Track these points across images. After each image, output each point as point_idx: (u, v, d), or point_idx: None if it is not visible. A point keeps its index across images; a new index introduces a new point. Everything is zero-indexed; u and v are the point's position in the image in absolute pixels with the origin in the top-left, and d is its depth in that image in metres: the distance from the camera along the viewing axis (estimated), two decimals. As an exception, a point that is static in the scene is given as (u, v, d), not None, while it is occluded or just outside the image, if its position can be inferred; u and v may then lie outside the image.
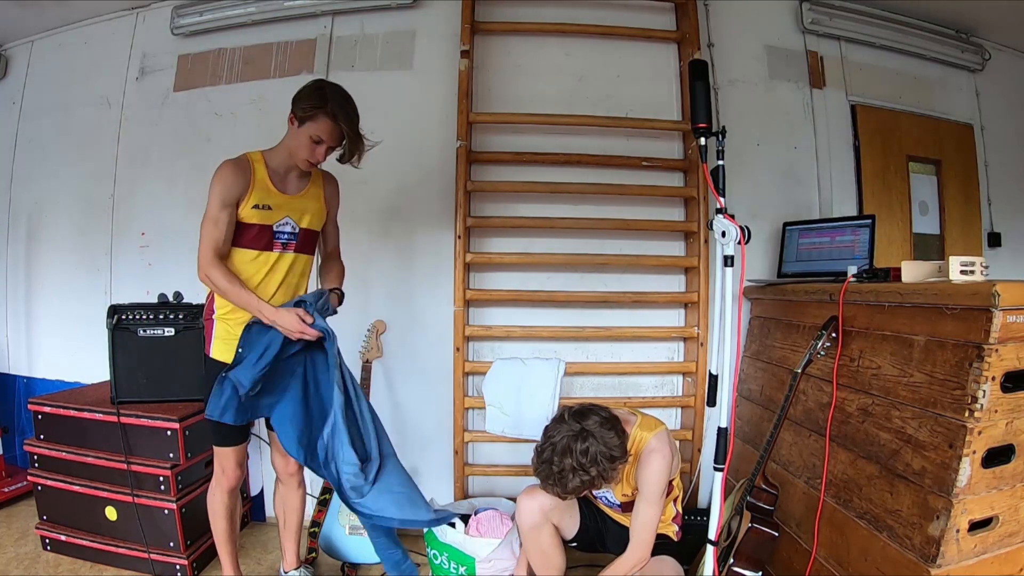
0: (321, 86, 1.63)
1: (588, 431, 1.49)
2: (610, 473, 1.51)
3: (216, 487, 1.74)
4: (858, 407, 1.61)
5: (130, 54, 2.67)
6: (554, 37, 2.49)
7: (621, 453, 1.52)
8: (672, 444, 1.62)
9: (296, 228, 1.69)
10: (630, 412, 1.71)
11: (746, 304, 2.39)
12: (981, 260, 1.41)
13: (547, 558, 1.72)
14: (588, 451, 1.47)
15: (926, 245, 2.68)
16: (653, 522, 1.60)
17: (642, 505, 1.60)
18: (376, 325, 2.30)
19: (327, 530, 2.18)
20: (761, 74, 2.57)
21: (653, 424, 1.65)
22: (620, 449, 1.51)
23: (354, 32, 2.54)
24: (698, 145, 1.45)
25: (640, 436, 1.62)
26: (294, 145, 1.62)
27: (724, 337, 1.38)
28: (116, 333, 2.08)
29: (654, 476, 1.57)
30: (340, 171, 1.85)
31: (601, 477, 1.50)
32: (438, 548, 1.97)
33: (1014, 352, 1.25)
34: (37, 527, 2.17)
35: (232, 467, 1.71)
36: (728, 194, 1.41)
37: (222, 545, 1.78)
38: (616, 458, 1.50)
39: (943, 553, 1.28)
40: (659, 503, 1.59)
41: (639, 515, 1.61)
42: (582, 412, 1.56)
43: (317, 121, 1.58)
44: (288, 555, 1.96)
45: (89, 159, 2.67)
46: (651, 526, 1.60)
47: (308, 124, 1.59)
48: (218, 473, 1.72)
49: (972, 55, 2.77)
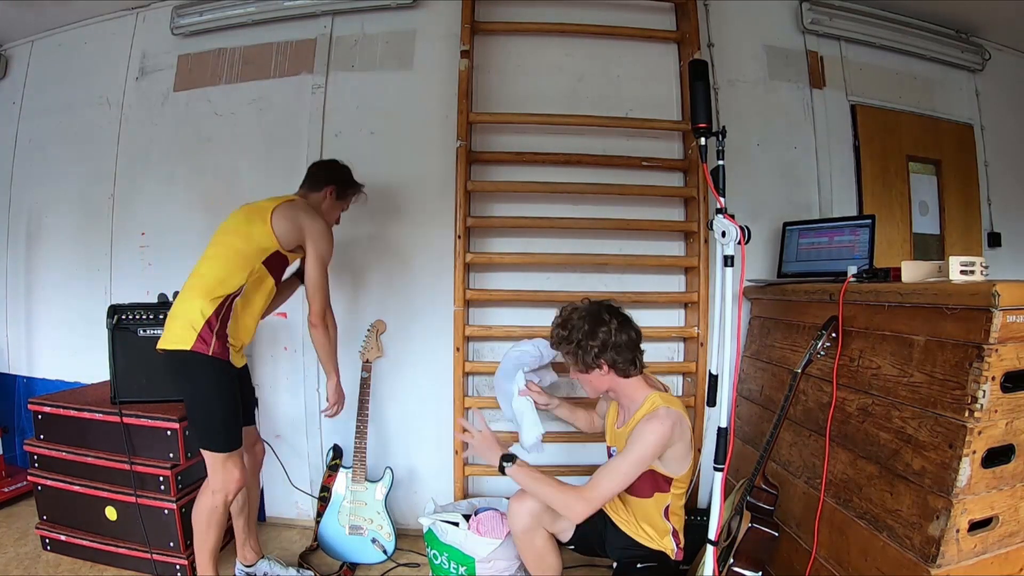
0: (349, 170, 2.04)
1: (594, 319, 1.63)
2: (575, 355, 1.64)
3: (216, 497, 1.69)
4: (858, 407, 1.61)
5: (130, 54, 2.67)
6: (554, 37, 2.49)
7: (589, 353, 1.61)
8: (678, 427, 1.57)
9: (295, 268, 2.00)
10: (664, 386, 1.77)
11: (746, 304, 2.39)
12: (981, 260, 1.41)
13: (542, 560, 1.71)
14: (576, 323, 1.64)
15: (926, 245, 2.68)
16: (613, 480, 1.54)
17: (618, 457, 1.57)
18: (376, 325, 2.30)
19: (326, 529, 2.18)
20: (761, 74, 2.57)
21: (673, 401, 1.64)
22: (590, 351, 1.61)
23: (354, 32, 2.54)
24: (698, 145, 1.45)
25: (654, 401, 1.62)
26: (329, 213, 1.98)
27: (724, 337, 1.38)
28: (116, 333, 2.09)
29: (640, 438, 1.54)
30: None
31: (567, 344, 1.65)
32: (438, 548, 1.97)
33: (1014, 352, 1.25)
34: (37, 527, 2.17)
35: (242, 467, 1.73)
36: (728, 194, 1.41)
37: (213, 554, 1.74)
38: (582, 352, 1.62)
39: (943, 553, 1.28)
40: (632, 467, 1.53)
41: (613, 462, 1.57)
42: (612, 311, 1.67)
43: (353, 199, 2.07)
44: (252, 547, 2.00)
45: (89, 159, 2.67)
46: (607, 482, 1.54)
47: (346, 200, 2.04)
48: (224, 479, 1.67)
49: (972, 55, 2.77)
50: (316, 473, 2.45)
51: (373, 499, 2.20)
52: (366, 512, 2.19)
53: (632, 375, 1.65)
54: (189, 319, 1.63)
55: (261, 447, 2.06)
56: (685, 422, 1.61)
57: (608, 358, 1.62)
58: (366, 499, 2.20)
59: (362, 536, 2.18)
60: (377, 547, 2.16)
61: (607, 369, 1.63)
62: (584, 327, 1.62)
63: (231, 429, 1.68)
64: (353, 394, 2.19)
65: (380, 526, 2.18)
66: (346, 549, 2.17)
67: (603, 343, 1.61)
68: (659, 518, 1.69)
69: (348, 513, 2.19)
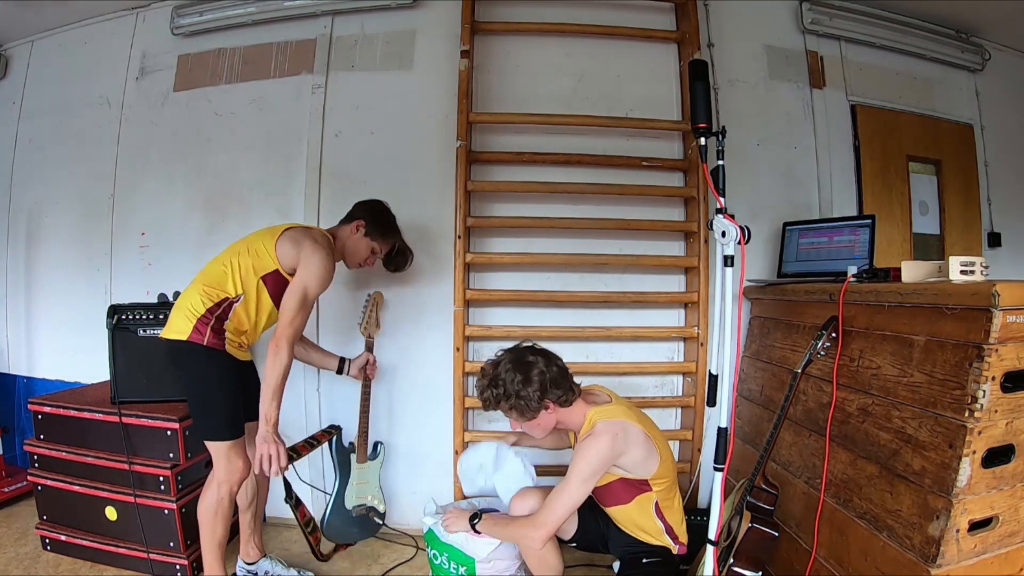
0: (392, 215, 2.00)
1: (522, 364, 1.62)
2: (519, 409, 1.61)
3: (221, 489, 1.70)
4: (858, 407, 1.61)
5: (130, 54, 2.67)
6: (554, 37, 2.49)
7: (531, 401, 1.60)
8: (622, 436, 1.60)
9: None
10: (610, 396, 1.75)
11: (746, 304, 2.39)
12: (981, 260, 1.41)
13: (544, 560, 1.71)
14: (507, 375, 1.61)
15: (926, 245, 2.68)
16: (563, 503, 1.59)
17: (562, 484, 1.61)
18: (375, 297, 2.24)
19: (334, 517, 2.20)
20: (761, 74, 2.57)
21: (612, 412, 1.65)
22: (532, 399, 1.60)
23: (354, 32, 2.54)
24: (698, 145, 1.45)
25: (591, 418, 1.65)
26: (353, 249, 1.92)
27: (724, 337, 1.37)
28: (116, 333, 2.08)
29: (580, 457, 1.59)
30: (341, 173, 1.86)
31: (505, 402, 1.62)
32: (439, 548, 1.97)
33: (1014, 352, 1.25)
34: (37, 527, 2.17)
35: (246, 457, 1.73)
36: (728, 194, 1.41)
37: (220, 550, 1.76)
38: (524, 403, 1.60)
39: (943, 553, 1.28)
40: (578, 487, 1.58)
41: (557, 490, 1.62)
42: (536, 351, 1.67)
43: (386, 241, 1.96)
44: (256, 545, 2.00)
45: (89, 159, 2.67)
46: (561, 504, 1.59)
47: (380, 241, 1.94)
48: (228, 470, 1.69)
49: (972, 55, 2.77)
50: (316, 473, 2.45)
51: (372, 475, 2.27)
52: (367, 489, 2.25)
53: (573, 401, 1.67)
54: (187, 310, 1.68)
55: None
56: (631, 428, 1.63)
57: (551, 396, 1.62)
58: (368, 476, 2.25)
59: (363, 514, 2.24)
60: (374, 517, 2.25)
61: (552, 406, 1.65)
62: (516, 377, 1.61)
63: (231, 416, 1.69)
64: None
65: (378, 500, 2.28)
66: (350, 530, 2.21)
67: (541, 384, 1.60)
68: (649, 519, 1.70)
69: (355, 495, 2.22)
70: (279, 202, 2.46)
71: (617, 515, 1.75)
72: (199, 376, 1.68)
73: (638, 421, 1.67)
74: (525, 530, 1.64)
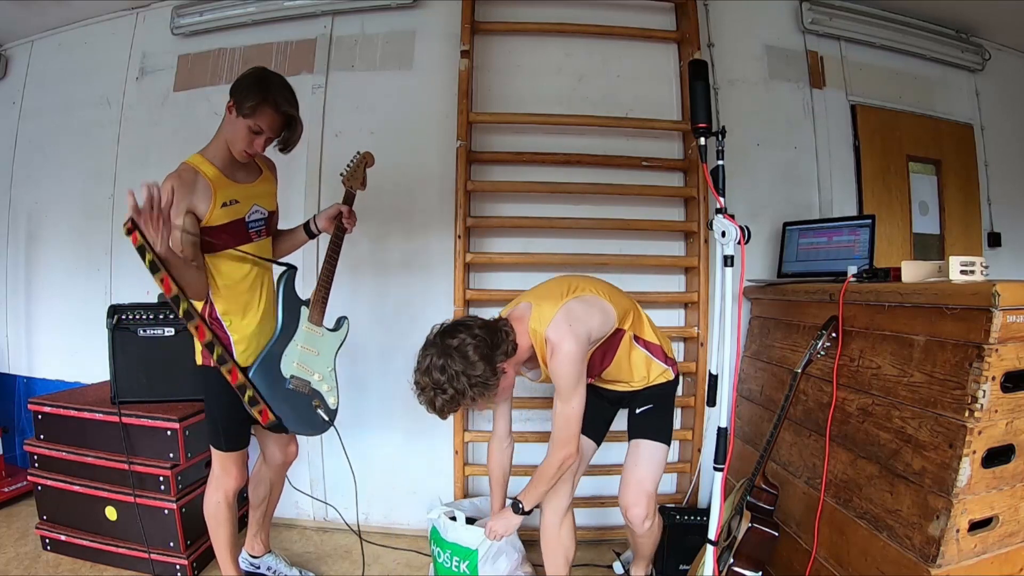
0: (264, 76, 1.59)
1: (450, 349, 1.44)
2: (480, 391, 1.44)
3: (218, 492, 1.71)
4: (858, 407, 1.61)
5: (130, 54, 2.67)
6: (554, 37, 2.49)
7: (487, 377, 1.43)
8: (576, 325, 1.49)
9: (265, 212, 1.71)
10: (529, 304, 1.58)
11: (746, 304, 2.39)
12: (981, 260, 1.41)
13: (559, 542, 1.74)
14: (446, 369, 1.42)
15: (926, 245, 2.68)
16: (570, 417, 1.50)
17: (556, 401, 1.52)
18: (365, 156, 1.90)
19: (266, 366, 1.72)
20: (761, 74, 2.57)
21: (549, 311, 1.51)
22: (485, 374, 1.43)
23: (354, 32, 2.54)
24: (698, 145, 1.45)
25: (537, 331, 1.52)
26: (232, 136, 1.58)
27: (724, 337, 1.37)
28: (116, 333, 2.09)
29: (559, 370, 1.48)
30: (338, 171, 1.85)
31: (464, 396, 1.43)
32: (442, 546, 1.98)
33: (1014, 352, 1.25)
34: (37, 527, 2.17)
35: (241, 468, 1.73)
36: (728, 194, 1.41)
37: (227, 550, 1.77)
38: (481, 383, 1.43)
39: (943, 553, 1.28)
40: (572, 397, 1.49)
41: (555, 412, 1.53)
42: (451, 329, 1.49)
43: (259, 112, 1.54)
44: (262, 540, 2.00)
45: (89, 159, 2.67)
46: (568, 421, 1.51)
47: (249, 115, 1.54)
48: (222, 477, 1.70)
49: (972, 55, 2.77)
50: (316, 473, 2.45)
51: (327, 348, 1.81)
52: (316, 364, 1.78)
53: (515, 343, 1.52)
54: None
55: (295, 448, 1.92)
56: (573, 308, 1.52)
57: (499, 359, 1.47)
58: (320, 347, 1.79)
59: (302, 395, 1.75)
60: (320, 410, 1.77)
61: (505, 365, 1.51)
62: (455, 367, 1.42)
63: (229, 431, 1.69)
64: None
65: (329, 387, 1.79)
66: (281, 407, 1.70)
67: (482, 356, 1.44)
68: (637, 356, 1.67)
69: (297, 359, 1.75)
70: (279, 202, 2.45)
71: (609, 375, 1.70)
72: (205, 392, 1.70)
73: (567, 294, 1.56)
74: (555, 461, 1.54)
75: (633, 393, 1.75)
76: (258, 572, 1.99)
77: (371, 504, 2.47)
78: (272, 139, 1.64)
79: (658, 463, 1.70)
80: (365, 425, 2.47)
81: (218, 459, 1.70)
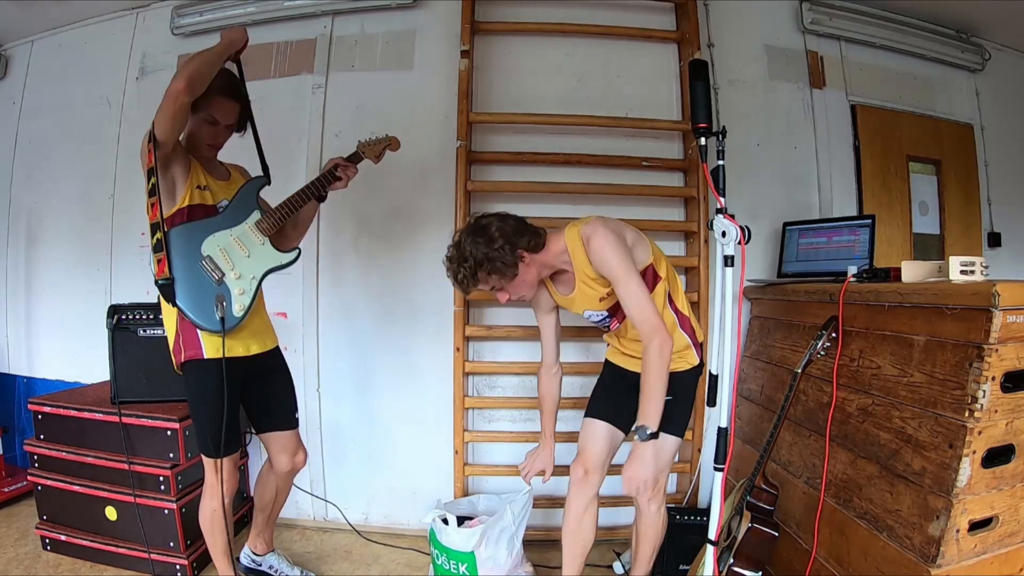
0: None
1: (477, 228, 1.57)
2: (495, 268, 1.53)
3: (213, 500, 1.68)
4: (858, 407, 1.61)
5: (130, 54, 2.67)
6: (554, 37, 2.49)
7: (503, 255, 1.53)
8: (609, 222, 1.57)
9: None
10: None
11: (746, 304, 2.39)
12: (981, 260, 1.41)
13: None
14: (468, 244, 1.55)
15: (926, 245, 2.68)
16: (641, 297, 1.50)
17: (619, 290, 1.52)
18: (392, 139, 1.87)
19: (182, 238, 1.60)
20: (761, 74, 2.57)
21: (580, 221, 1.61)
22: (503, 252, 1.53)
23: (354, 32, 2.54)
24: (698, 145, 1.45)
25: (571, 237, 1.59)
26: (196, 134, 1.63)
27: (724, 337, 1.37)
28: (116, 333, 2.09)
29: (602, 255, 1.52)
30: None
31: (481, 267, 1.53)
32: (439, 548, 1.98)
33: (1014, 352, 1.25)
34: (37, 527, 2.17)
35: (232, 473, 1.70)
36: (728, 194, 1.41)
37: (224, 556, 1.74)
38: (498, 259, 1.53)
39: (943, 553, 1.28)
40: (632, 277, 1.50)
41: (624, 300, 1.52)
42: (485, 215, 1.61)
43: (209, 103, 1.59)
44: (266, 540, 1.99)
45: (89, 159, 2.67)
46: (643, 302, 1.49)
47: (201, 109, 1.59)
48: (215, 484, 1.67)
49: (972, 55, 2.77)
50: (316, 473, 2.45)
51: (261, 257, 1.68)
52: (242, 264, 1.64)
53: (544, 243, 1.62)
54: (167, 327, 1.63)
55: (303, 457, 1.87)
56: (601, 218, 1.60)
57: (521, 244, 1.56)
58: (254, 252, 1.66)
59: (208, 281, 1.59)
60: (218, 308, 1.58)
61: (527, 256, 1.59)
62: (479, 240, 1.54)
63: (217, 436, 1.63)
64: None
65: (241, 290, 1.63)
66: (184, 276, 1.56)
67: (504, 236, 1.54)
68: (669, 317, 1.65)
69: (221, 245, 1.61)
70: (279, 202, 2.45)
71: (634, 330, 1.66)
72: (188, 393, 1.66)
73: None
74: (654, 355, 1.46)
75: None
76: (259, 570, 1.98)
77: (371, 504, 2.48)
78: (231, 127, 1.70)
79: (669, 454, 1.68)
80: (366, 425, 2.47)
81: (209, 466, 1.67)
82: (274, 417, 1.78)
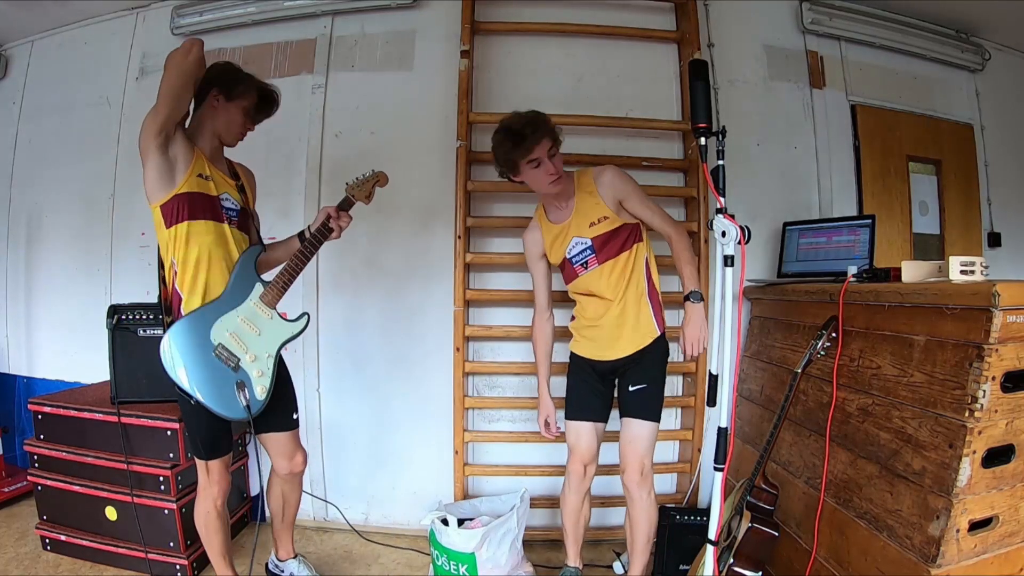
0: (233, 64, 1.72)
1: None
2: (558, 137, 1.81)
3: (206, 503, 1.68)
4: (858, 407, 1.61)
5: (130, 54, 2.67)
6: (554, 37, 2.49)
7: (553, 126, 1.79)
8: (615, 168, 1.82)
9: (237, 205, 1.69)
10: None
11: (746, 304, 2.39)
12: (981, 260, 1.41)
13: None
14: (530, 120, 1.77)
15: (926, 245, 2.68)
16: (659, 212, 1.82)
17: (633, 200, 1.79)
18: (380, 174, 1.85)
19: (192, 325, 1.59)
20: (761, 74, 2.57)
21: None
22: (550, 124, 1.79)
23: (354, 32, 2.54)
24: (698, 145, 1.45)
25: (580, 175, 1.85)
26: (226, 122, 1.66)
27: (724, 337, 1.37)
28: (116, 333, 2.08)
29: (622, 178, 1.80)
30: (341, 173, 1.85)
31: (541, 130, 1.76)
32: (439, 549, 1.98)
33: (1014, 352, 1.25)
34: (37, 527, 2.17)
35: (224, 475, 1.69)
36: (728, 194, 1.41)
37: (221, 557, 1.74)
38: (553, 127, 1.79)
39: (943, 553, 1.28)
40: (647, 199, 1.81)
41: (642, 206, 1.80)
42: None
43: (249, 93, 1.67)
44: (285, 545, 1.96)
45: (89, 159, 2.67)
46: (660, 214, 1.81)
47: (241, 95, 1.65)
48: (208, 486, 1.67)
49: (972, 55, 2.77)
50: (316, 473, 2.45)
51: (272, 332, 1.66)
52: (254, 344, 1.63)
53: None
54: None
55: (301, 458, 1.84)
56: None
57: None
58: (264, 329, 1.65)
59: (226, 369, 1.58)
60: (240, 395, 1.59)
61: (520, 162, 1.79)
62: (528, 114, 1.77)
63: (206, 438, 1.63)
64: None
65: (260, 372, 1.63)
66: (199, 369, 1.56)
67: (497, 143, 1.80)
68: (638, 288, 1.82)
69: (231, 330, 1.60)
70: (279, 203, 2.46)
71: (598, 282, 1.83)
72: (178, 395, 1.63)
73: None
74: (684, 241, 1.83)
75: (625, 362, 1.82)
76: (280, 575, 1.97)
77: (371, 504, 2.48)
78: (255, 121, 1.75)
79: (651, 440, 1.81)
80: (366, 425, 2.47)
81: (201, 468, 1.67)
82: (272, 418, 1.77)
